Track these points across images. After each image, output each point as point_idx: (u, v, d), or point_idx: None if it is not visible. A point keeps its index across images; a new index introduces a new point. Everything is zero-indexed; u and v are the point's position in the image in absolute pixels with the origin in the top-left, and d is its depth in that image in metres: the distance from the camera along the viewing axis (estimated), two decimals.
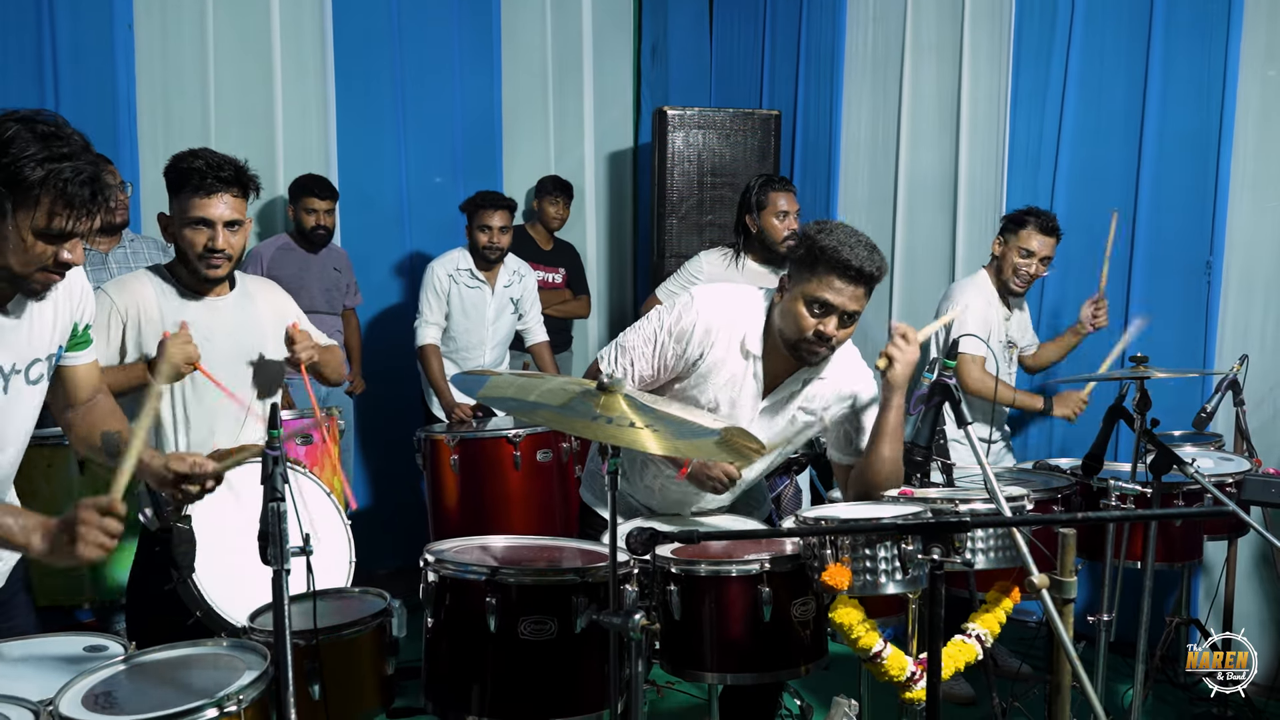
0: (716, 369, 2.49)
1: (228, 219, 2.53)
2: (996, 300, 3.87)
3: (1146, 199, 4.12)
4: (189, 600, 2.30)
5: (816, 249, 2.34)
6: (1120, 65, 4.20)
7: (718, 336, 2.47)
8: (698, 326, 2.46)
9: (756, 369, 2.49)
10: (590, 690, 2.17)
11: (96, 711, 1.78)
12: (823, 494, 4.21)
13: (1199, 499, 3.18)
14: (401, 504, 5.04)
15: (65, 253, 1.81)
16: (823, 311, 2.35)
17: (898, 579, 2.13)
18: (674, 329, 2.47)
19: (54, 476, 3.21)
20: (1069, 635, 2.09)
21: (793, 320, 2.38)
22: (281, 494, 1.80)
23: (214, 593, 2.30)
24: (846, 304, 2.34)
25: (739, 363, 2.49)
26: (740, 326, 2.48)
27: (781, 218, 3.98)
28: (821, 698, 3.44)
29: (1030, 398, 3.85)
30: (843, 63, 5.25)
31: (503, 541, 2.54)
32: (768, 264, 4.02)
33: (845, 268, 2.31)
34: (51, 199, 1.74)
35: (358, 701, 2.17)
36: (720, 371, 2.49)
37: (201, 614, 2.30)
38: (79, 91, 4.12)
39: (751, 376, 2.50)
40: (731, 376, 2.50)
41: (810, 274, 2.35)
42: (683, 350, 2.47)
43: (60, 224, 1.76)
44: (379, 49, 5.03)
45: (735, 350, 2.48)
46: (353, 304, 4.80)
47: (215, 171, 2.49)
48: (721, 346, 2.47)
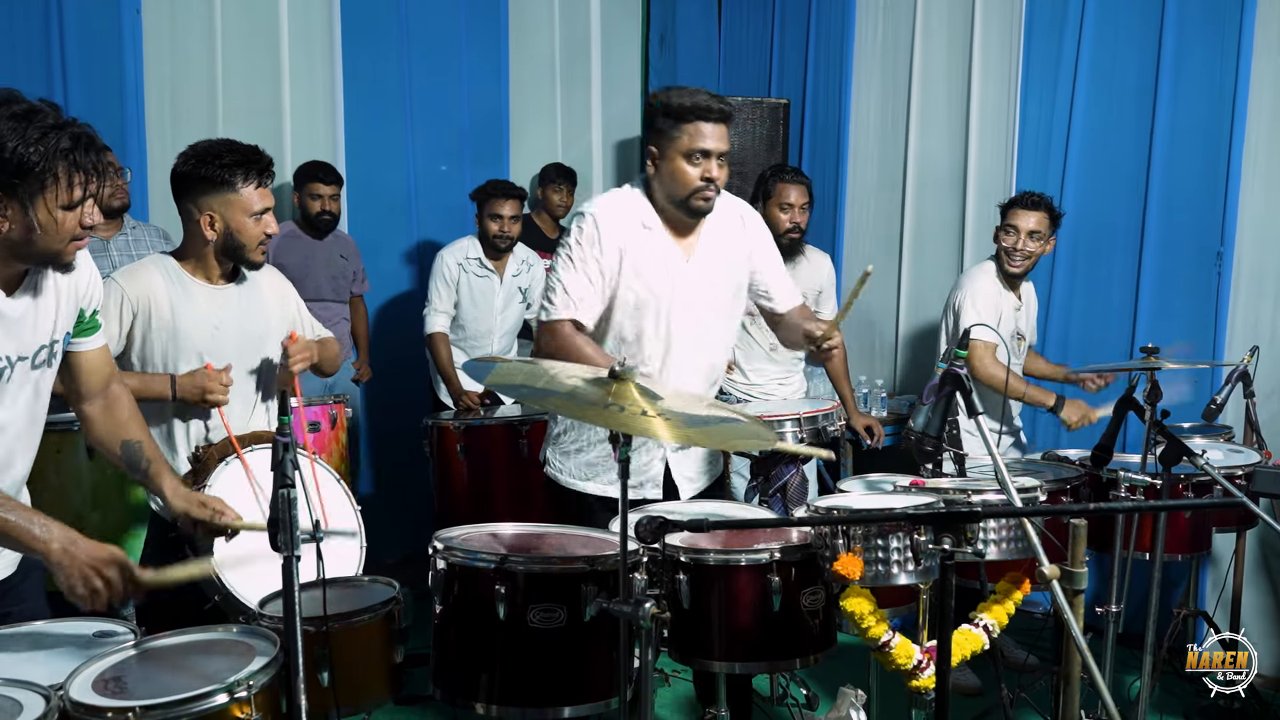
0: (633, 253, 2.66)
1: (271, 206, 2.62)
2: (1006, 289, 3.86)
3: (1157, 189, 4.10)
4: (205, 586, 2.30)
5: (674, 109, 2.59)
6: (1132, 54, 4.18)
7: (618, 224, 2.66)
8: (600, 225, 2.65)
9: (664, 238, 2.69)
10: (599, 678, 2.17)
11: (107, 696, 1.78)
12: (830, 484, 4.21)
13: (1208, 491, 3.17)
14: (409, 492, 5.04)
15: (87, 217, 1.88)
16: (704, 156, 2.59)
17: (910, 569, 2.13)
18: (588, 243, 2.65)
19: (63, 463, 3.20)
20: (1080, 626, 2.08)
21: (679, 178, 2.61)
22: (292, 480, 1.80)
23: (231, 578, 2.30)
24: (720, 145, 2.60)
25: (647, 238, 2.68)
26: (631, 209, 2.69)
27: (785, 210, 3.93)
28: (828, 687, 3.44)
29: (1042, 394, 3.83)
30: (852, 50, 5.23)
31: (511, 529, 2.54)
32: None
33: (706, 112, 2.57)
34: (66, 172, 1.81)
35: (366, 688, 2.17)
36: (637, 254, 2.66)
37: (219, 599, 2.30)
38: (87, 77, 4.11)
39: (664, 245, 2.69)
40: (649, 254, 2.67)
41: (678, 132, 2.59)
42: (604, 253, 2.65)
43: (80, 192, 1.84)
44: (387, 36, 5.01)
45: (638, 229, 2.68)
46: (360, 291, 4.80)
47: (264, 161, 2.59)
48: (624, 230, 2.66)
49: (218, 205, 2.56)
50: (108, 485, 3.24)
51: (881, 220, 5.18)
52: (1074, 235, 4.34)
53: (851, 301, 2.48)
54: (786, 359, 4.03)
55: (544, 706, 2.18)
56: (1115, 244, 4.25)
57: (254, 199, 2.57)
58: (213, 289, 2.65)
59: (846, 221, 5.29)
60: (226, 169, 2.54)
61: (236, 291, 2.70)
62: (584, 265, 2.65)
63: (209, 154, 2.56)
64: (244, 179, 2.55)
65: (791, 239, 3.91)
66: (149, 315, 2.57)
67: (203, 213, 2.57)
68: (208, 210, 2.57)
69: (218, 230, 2.58)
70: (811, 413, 3.47)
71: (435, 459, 4.13)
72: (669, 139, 2.61)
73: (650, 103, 2.68)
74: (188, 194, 2.59)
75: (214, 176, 2.54)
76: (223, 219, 2.57)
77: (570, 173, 5.24)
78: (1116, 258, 4.24)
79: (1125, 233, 4.21)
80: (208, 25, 4.43)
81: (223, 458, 2.47)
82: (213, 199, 2.56)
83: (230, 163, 2.54)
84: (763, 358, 3.99)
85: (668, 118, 2.60)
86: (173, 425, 2.63)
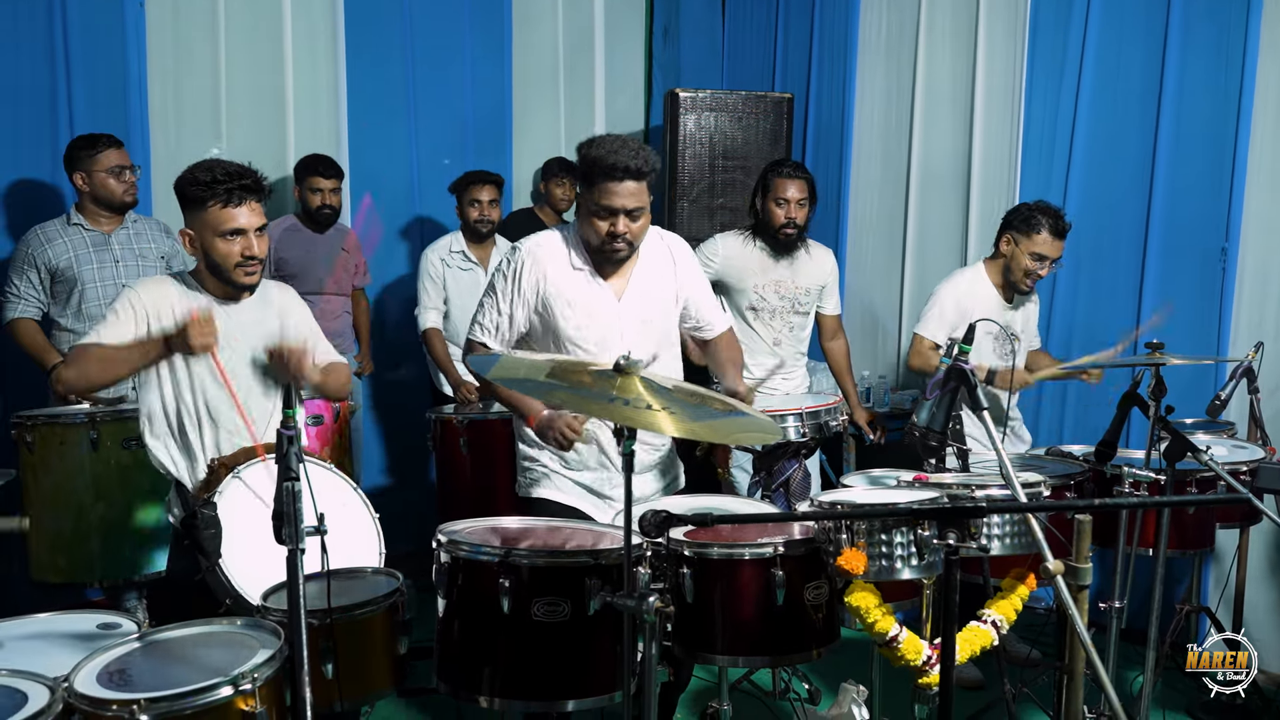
0: (565, 291, 2.73)
1: (256, 225, 2.59)
2: (990, 292, 3.85)
3: (1162, 185, 4.09)
4: (218, 588, 2.30)
5: (588, 163, 2.63)
6: (1137, 49, 4.16)
7: (544, 263, 2.74)
8: (525, 264, 2.73)
9: (594, 280, 2.75)
10: (603, 672, 2.17)
11: (112, 688, 1.79)
12: (833, 478, 4.20)
13: (1212, 487, 3.17)
14: (412, 484, 5.05)
15: None
16: (610, 214, 2.63)
17: (913, 564, 2.13)
18: (512, 277, 2.74)
19: (66, 454, 3.22)
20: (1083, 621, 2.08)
21: (591, 231, 2.67)
22: (296, 474, 1.80)
23: (241, 579, 2.30)
24: (626, 203, 2.62)
25: (579, 278, 2.74)
26: (561, 251, 2.76)
27: (782, 205, 3.88)
28: (831, 682, 3.44)
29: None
30: (856, 45, 5.21)
31: (515, 523, 2.54)
32: (771, 249, 3.96)
33: (612, 170, 2.59)
34: None
35: (370, 680, 2.18)
36: (570, 292, 2.73)
37: (231, 601, 2.30)
38: (90, 72, 4.10)
39: (594, 287, 2.75)
40: (581, 292, 2.74)
41: (590, 187, 2.65)
42: (520, 292, 2.73)
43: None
44: (390, 30, 5.00)
45: (567, 269, 2.74)
46: (361, 284, 4.80)
47: (238, 180, 2.56)
48: (552, 269, 2.73)
49: (195, 224, 2.59)
50: (111, 477, 3.24)
51: (885, 215, 5.17)
52: (1078, 232, 4.31)
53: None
54: (790, 355, 4.03)
55: (547, 700, 2.18)
56: (1119, 241, 4.24)
57: (220, 218, 2.54)
58: (226, 306, 2.66)
59: (850, 217, 5.27)
60: (199, 187, 2.55)
61: (248, 308, 2.70)
62: (502, 297, 2.76)
63: (190, 174, 2.58)
64: (213, 198, 2.54)
65: (787, 235, 3.87)
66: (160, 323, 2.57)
67: (186, 230, 2.61)
68: (189, 229, 2.60)
69: (196, 249, 2.61)
70: (814, 407, 3.47)
71: (438, 453, 4.13)
72: (584, 192, 2.70)
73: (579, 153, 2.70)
74: (184, 213, 2.62)
75: (190, 195, 2.57)
76: (200, 239, 2.59)
77: (572, 166, 5.23)
78: (1121, 254, 4.23)
79: (1129, 229, 4.19)
80: (211, 19, 4.42)
81: (233, 468, 2.47)
82: (193, 218, 2.59)
83: (204, 181, 2.54)
84: (765, 352, 3.98)
85: (584, 169, 2.66)
86: (188, 437, 2.62)
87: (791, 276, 3.95)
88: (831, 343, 4.16)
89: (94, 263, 3.66)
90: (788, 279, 3.94)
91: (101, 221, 3.73)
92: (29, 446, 3.23)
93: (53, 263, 3.63)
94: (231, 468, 2.48)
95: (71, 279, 3.63)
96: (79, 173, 3.67)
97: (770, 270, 3.92)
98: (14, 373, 3.95)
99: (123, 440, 3.21)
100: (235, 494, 2.42)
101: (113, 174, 3.68)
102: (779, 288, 3.93)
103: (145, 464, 2.74)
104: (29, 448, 3.23)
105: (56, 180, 4.01)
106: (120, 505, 3.23)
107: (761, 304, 3.94)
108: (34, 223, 3.73)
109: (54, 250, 3.63)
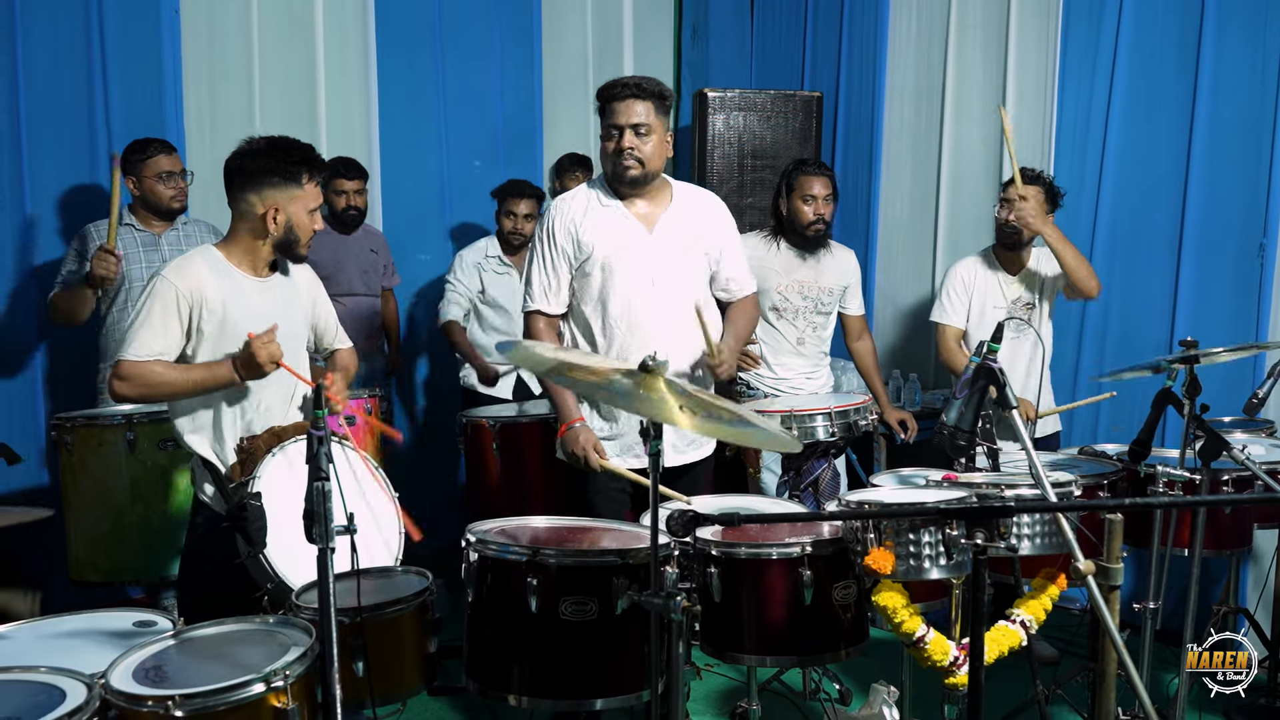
0: (592, 226, 2.91)
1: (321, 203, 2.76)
2: (983, 271, 3.92)
3: (1198, 180, 4.03)
4: (259, 575, 2.33)
5: (599, 96, 2.90)
6: (1171, 43, 4.10)
7: (571, 210, 2.94)
8: (554, 216, 2.95)
9: (623, 212, 2.92)
10: (630, 671, 2.18)
11: (147, 685, 1.82)
12: (863, 478, 4.18)
13: (1248, 486, 3.12)
14: (442, 484, 5.08)
15: None
16: (616, 132, 2.85)
17: (941, 564, 2.12)
18: (547, 236, 2.95)
19: (104, 455, 3.26)
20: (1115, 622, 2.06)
21: (603, 155, 2.90)
22: (326, 473, 1.82)
23: (283, 567, 2.32)
24: (629, 118, 2.83)
25: (606, 213, 2.92)
26: (587, 195, 2.97)
27: (809, 201, 3.88)
28: (862, 683, 3.43)
29: None
30: (886, 42, 5.18)
31: (544, 522, 2.56)
32: (799, 248, 3.96)
33: (615, 89, 2.84)
34: None
35: (400, 678, 2.19)
36: (596, 225, 2.91)
37: (272, 587, 2.33)
38: (126, 76, 4.16)
39: (624, 218, 2.92)
40: (609, 224, 2.91)
41: (601, 116, 2.91)
42: (557, 242, 2.93)
43: None
44: (421, 33, 5.04)
45: (596, 207, 2.94)
46: (390, 284, 4.84)
47: (319, 161, 2.71)
48: (579, 211, 2.93)
49: (282, 199, 2.62)
50: (149, 478, 3.29)
51: (915, 214, 5.13)
52: (1112, 228, 4.28)
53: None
54: (813, 353, 4.02)
55: (575, 698, 2.19)
56: (1155, 237, 4.18)
57: (313, 195, 2.68)
58: (257, 281, 2.70)
59: (880, 215, 5.25)
60: (295, 165, 2.62)
61: (279, 284, 2.76)
62: (544, 259, 2.94)
63: (276, 148, 2.63)
64: (309, 176, 2.65)
65: (816, 231, 3.88)
66: (201, 307, 2.60)
67: (266, 206, 2.62)
68: (272, 204, 2.62)
69: (279, 224, 2.64)
70: (842, 406, 3.46)
71: (469, 456, 4.15)
72: (602, 123, 2.92)
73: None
74: (249, 187, 2.63)
75: (283, 171, 2.61)
76: (285, 213, 2.63)
77: (585, 160, 5.23)
78: (1156, 251, 4.18)
79: (1165, 225, 4.14)
80: (245, 23, 4.47)
81: (269, 448, 2.50)
82: (278, 193, 2.62)
83: (298, 159, 2.63)
84: (789, 352, 3.98)
85: (600, 103, 2.90)
86: (220, 414, 2.66)
87: (815, 277, 3.94)
88: (858, 343, 4.15)
89: (143, 262, 3.72)
90: (811, 279, 3.94)
91: (153, 223, 3.80)
92: (68, 448, 3.29)
93: None
94: (269, 448, 2.50)
95: (119, 276, 3.70)
96: (130, 177, 3.74)
97: (793, 270, 3.92)
98: (61, 376, 4.04)
99: (159, 441, 3.25)
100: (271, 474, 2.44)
101: (161, 179, 3.74)
102: (802, 288, 3.93)
103: (181, 464, 2.78)
104: (68, 449, 3.29)
105: (95, 185, 4.08)
106: (157, 505, 3.28)
107: (785, 304, 3.94)
108: (75, 226, 3.81)
109: None
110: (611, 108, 2.85)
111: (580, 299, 2.96)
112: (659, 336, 2.86)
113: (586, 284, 2.92)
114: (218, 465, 2.63)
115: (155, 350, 2.55)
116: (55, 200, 4.06)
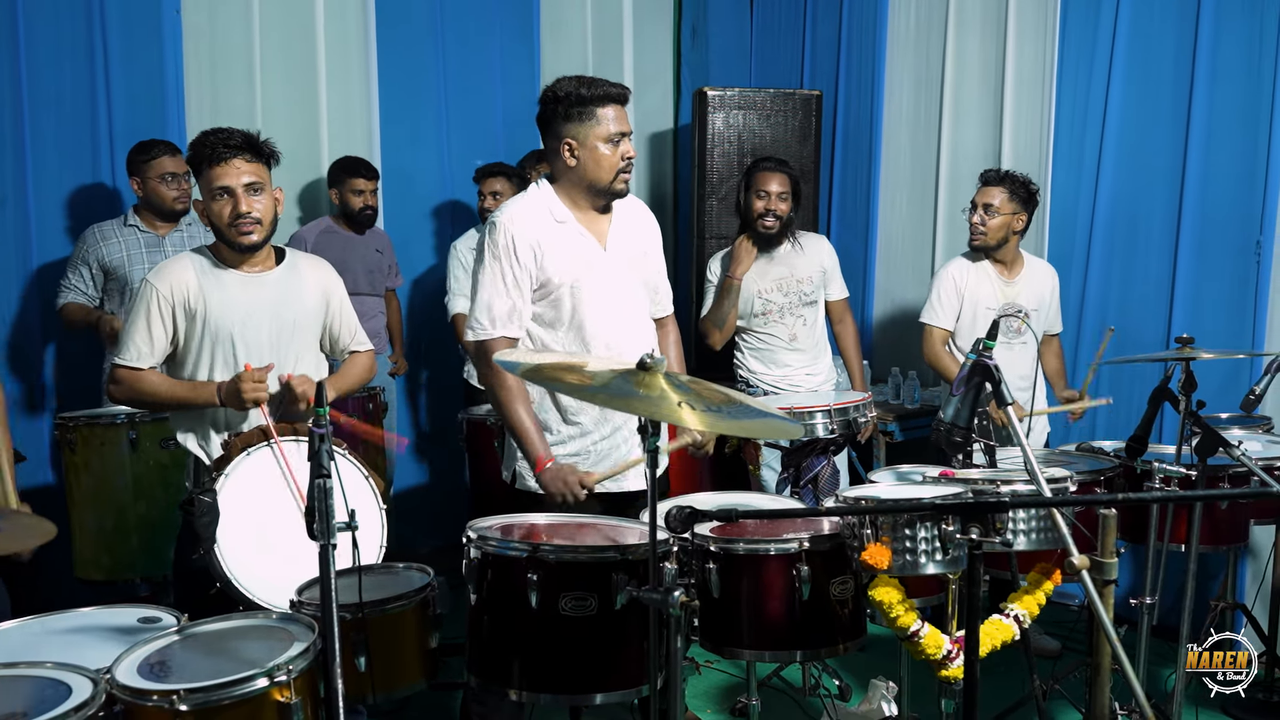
0: (549, 247, 2.69)
1: (245, 183, 2.62)
2: (988, 270, 3.91)
3: (1194, 177, 4.04)
4: (213, 572, 2.35)
5: (583, 98, 2.66)
6: (1168, 39, 4.12)
7: (528, 224, 2.69)
8: (510, 230, 2.67)
9: (578, 230, 2.73)
10: (630, 666, 2.20)
11: (152, 679, 1.84)
12: (862, 474, 4.20)
13: (1245, 482, 3.13)
14: (443, 482, 5.10)
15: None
16: (620, 139, 2.68)
17: (937, 559, 2.14)
18: (503, 252, 2.67)
19: (107, 454, 3.29)
20: (1109, 617, 2.08)
21: (602, 162, 2.68)
22: (328, 470, 1.84)
23: (235, 566, 2.33)
24: (628, 126, 2.72)
25: (561, 231, 2.72)
26: (540, 207, 2.73)
27: (761, 197, 3.88)
28: (861, 678, 3.45)
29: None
30: (885, 40, 5.19)
31: (544, 519, 2.57)
32: (761, 249, 3.95)
33: (610, 97, 2.68)
34: None
35: (402, 674, 2.21)
36: (553, 247, 2.69)
37: (221, 585, 2.34)
38: (128, 76, 4.18)
39: (579, 236, 2.73)
40: (566, 245, 2.71)
41: (592, 119, 2.66)
42: (523, 258, 2.67)
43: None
44: (421, 33, 5.05)
45: (550, 224, 2.71)
46: (394, 285, 4.86)
47: (224, 140, 2.61)
48: (536, 227, 2.69)
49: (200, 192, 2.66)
50: (151, 476, 3.32)
51: (915, 211, 5.15)
52: (1109, 225, 4.29)
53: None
54: (809, 345, 4.04)
55: (576, 693, 2.21)
56: (1151, 233, 4.20)
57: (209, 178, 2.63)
58: (245, 276, 2.70)
59: (879, 213, 5.26)
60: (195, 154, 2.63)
61: (274, 278, 2.74)
62: (503, 279, 2.67)
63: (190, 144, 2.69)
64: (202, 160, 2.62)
65: (766, 227, 3.89)
66: (184, 304, 2.63)
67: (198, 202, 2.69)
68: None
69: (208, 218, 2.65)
70: (843, 404, 3.47)
71: (471, 453, 4.17)
72: (587, 127, 2.67)
73: (548, 95, 2.70)
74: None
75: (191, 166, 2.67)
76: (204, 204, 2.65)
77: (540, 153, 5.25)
78: (1153, 248, 4.19)
79: (1161, 222, 4.15)
80: (246, 24, 4.49)
81: (245, 447, 2.48)
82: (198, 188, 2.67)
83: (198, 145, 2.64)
84: (784, 349, 4.00)
85: (580, 105, 2.66)
86: (206, 412, 2.68)
87: (790, 271, 3.98)
88: (839, 325, 4.18)
89: (145, 263, 3.74)
90: (787, 274, 3.97)
91: (156, 224, 3.83)
92: (71, 447, 3.32)
93: (105, 260, 3.73)
94: (245, 447, 2.48)
95: (123, 278, 3.72)
96: (135, 178, 3.77)
97: (768, 271, 3.96)
98: (66, 377, 4.07)
99: (161, 440, 3.28)
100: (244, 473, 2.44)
101: (164, 181, 3.77)
102: (781, 285, 3.97)
103: (182, 463, 2.80)
104: (71, 448, 3.32)
105: (97, 184, 4.11)
106: (159, 503, 3.31)
107: (769, 306, 3.96)
108: (78, 225, 3.83)
109: (108, 249, 3.74)
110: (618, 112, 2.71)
111: (550, 323, 2.75)
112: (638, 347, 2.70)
113: (556, 307, 2.73)
114: (204, 461, 2.66)
115: (143, 353, 2.61)
116: (58, 199, 4.09)
